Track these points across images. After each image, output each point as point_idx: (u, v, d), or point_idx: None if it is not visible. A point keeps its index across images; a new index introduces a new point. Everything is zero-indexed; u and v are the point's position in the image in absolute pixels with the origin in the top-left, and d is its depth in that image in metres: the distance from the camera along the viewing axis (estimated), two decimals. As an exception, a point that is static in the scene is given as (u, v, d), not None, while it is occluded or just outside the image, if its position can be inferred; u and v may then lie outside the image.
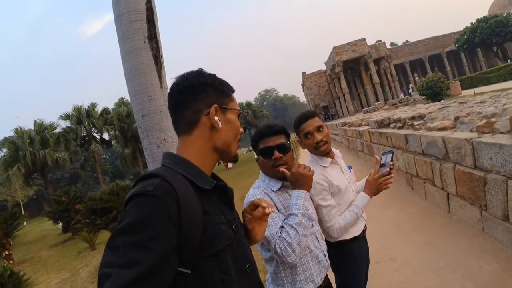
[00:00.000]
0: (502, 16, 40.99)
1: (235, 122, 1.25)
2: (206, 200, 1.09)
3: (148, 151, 3.13)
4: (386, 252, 4.48)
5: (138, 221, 0.90)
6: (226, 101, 1.24)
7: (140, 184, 1.01)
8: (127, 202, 0.97)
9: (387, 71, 41.26)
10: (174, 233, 0.94)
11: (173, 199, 0.96)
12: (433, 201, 5.77)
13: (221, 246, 1.07)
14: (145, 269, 0.85)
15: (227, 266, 1.07)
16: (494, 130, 3.89)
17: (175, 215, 0.95)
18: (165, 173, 1.04)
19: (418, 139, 5.97)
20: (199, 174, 1.13)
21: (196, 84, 1.19)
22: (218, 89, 1.22)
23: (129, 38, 3.08)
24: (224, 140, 1.22)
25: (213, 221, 1.07)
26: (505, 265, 3.39)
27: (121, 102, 44.02)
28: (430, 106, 9.62)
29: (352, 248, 2.35)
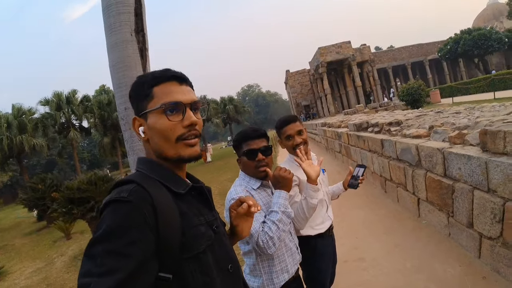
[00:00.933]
0: (485, 29, 42.35)
1: (156, 124, 1.09)
2: (183, 203, 1.08)
3: (129, 144, 3.13)
4: (356, 251, 4.65)
5: (114, 228, 0.89)
6: (144, 104, 1.12)
7: (115, 191, 1.00)
8: (102, 210, 0.96)
9: (370, 74, 41.76)
10: (152, 238, 0.93)
11: (149, 204, 0.95)
12: (405, 205, 5.98)
13: (201, 248, 1.06)
14: (124, 276, 0.84)
15: (209, 267, 1.07)
16: (465, 141, 4.08)
17: (152, 220, 0.94)
18: (139, 178, 1.03)
19: (394, 145, 6.16)
20: (173, 178, 1.12)
21: (131, 96, 1.18)
22: (138, 93, 1.14)
23: (116, 30, 3.07)
24: (155, 149, 1.13)
25: (191, 224, 1.06)
26: (467, 269, 3.59)
27: (102, 89, 43.28)
28: (408, 113, 9.85)
29: (316, 245, 2.51)
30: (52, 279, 7.51)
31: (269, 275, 2.07)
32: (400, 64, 52.29)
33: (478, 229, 3.62)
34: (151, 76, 1.13)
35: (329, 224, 2.61)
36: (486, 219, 3.43)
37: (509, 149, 3.09)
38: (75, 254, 8.91)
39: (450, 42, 43.51)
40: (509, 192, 3.04)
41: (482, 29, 42.63)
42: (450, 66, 52.69)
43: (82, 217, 8.14)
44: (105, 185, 8.62)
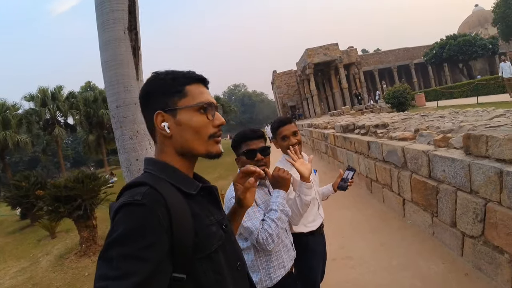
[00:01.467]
0: (470, 35, 43.36)
1: (191, 121, 1.11)
2: (194, 204, 1.09)
3: (120, 142, 3.15)
4: (343, 250, 4.77)
5: (130, 232, 0.90)
6: (175, 100, 1.12)
7: (128, 193, 1.00)
8: (116, 213, 0.96)
9: (356, 77, 42.16)
10: (166, 240, 0.94)
11: (162, 206, 0.96)
12: (390, 205, 6.13)
13: (213, 248, 1.07)
14: (141, 279, 0.85)
15: (220, 266, 1.08)
16: (449, 145, 4.24)
17: (166, 222, 0.95)
18: (151, 180, 1.03)
19: (380, 147, 6.31)
20: (184, 179, 1.12)
21: (145, 91, 1.16)
22: (167, 89, 1.12)
23: (109, 28, 3.07)
24: (182, 144, 1.13)
25: (203, 224, 1.08)
26: (451, 266, 3.74)
27: (87, 86, 42.68)
28: (394, 116, 10.01)
29: (308, 242, 2.61)
30: (38, 279, 7.39)
31: (266, 270, 2.16)
32: (386, 67, 52.70)
33: (461, 228, 3.78)
34: (182, 74, 1.15)
35: (320, 222, 2.72)
36: (469, 218, 3.58)
37: (491, 152, 3.23)
38: (60, 253, 8.78)
39: (436, 47, 44.26)
40: (490, 193, 3.19)
41: (467, 35, 43.58)
42: (435, 70, 53.47)
43: (69, 215, 8.02)
44: (93, 183, 8.52)
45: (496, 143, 3.15)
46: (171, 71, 1.16)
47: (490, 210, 3.21)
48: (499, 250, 3.15)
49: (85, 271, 7.00)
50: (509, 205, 2.94)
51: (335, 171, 10.42)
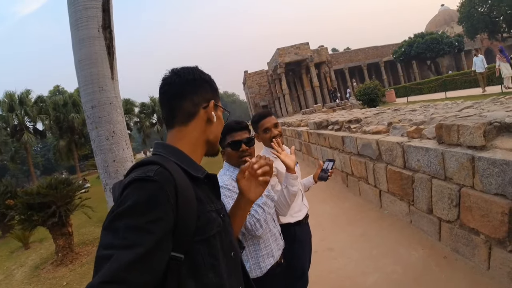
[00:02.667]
0: (437, 34, 44.87)
1: (222, 119, 1.34)
2: (198, 188, 1.14)
3: (96, 143, 3.07)
4: (324, 243, 4.86)
5: (139, 205, 0.93)
6: (218, 100, 1.32)
7: (139, 170, 1.04)
8: (126, 187, 0.99)
9: (327, 75, 42.73)
10: (172, 218, 0.97)
11: (172, 185, 1.00)
12: (367, 197, 6.28)
13: (212, 233, 1.11)
14: (145, 251, 0.88)
15: (216, 251, 1.12)
16: (422, 135, 4.39)
17: (174, 200, 0.98)
18: (161, 160, 1.07)
19: (354, 141, 6.45)
20: (192, 164, 1.18)
21: (197, 78, 1.25)
22: (213, 87, 1.31)
23: (83, 26, 2.98)
24: (215, 134, 1.30)
25: (205, 209, 1.12)
26: (430, 251, 3.88)
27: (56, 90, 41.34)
28: (366, 111, 10.19)
29: (295, 232, 2.67)
30: (14, 292, 7.17)
31: (255, 260, 2.19)
32: (357, 65, 53.64)
33: (437, 214, 3.93)
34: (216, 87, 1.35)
35: (305, 212, 2.79)
36: (444, 204, 3.73)
37: (462, 140, 3.38)
38: (36, 264, 8.48)
39: (404, 45, 45.56)
40: (464, 179, 3.34)
41: (434, 34, 45.11)
42: (404, 67, 54.76)
43: (43, 223, 7.75)
44: (67, 188, 8.28)
45: (467, 131, 3.30)
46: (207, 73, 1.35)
47: (464, 195, 3.36)
48: (475, 232, 3.30)
49: (63, 280, 6.76)
50: (482, 188, 3.09)
51: (310, 167, 10.57)
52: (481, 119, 3.40)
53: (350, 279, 3.80)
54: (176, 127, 1.24)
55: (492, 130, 3.19)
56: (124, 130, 3.22)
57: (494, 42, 45.70)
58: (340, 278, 3.86)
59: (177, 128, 1.23)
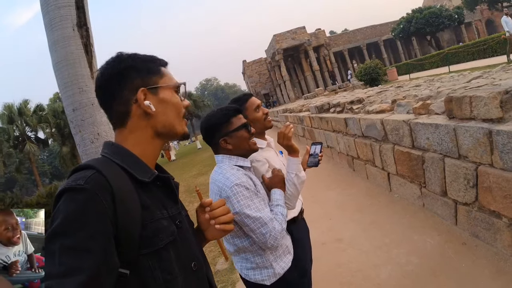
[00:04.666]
0: (436, 7, 44.25)
1: (172, 98, 1.12)
2: (145, 194, 1.02)
3: (81, 148, 3.00)
4: (332, 233, 4.58)
5: (71, 220, 0.82)
6: (155, 79, 1.10)
7: (72, 177, 0.92)
8: (57, 200, 0.88)
9: (327, 58, 42.46)
10: (112, 230, 0.87)
11: (107, 192, 0.89)
12: (375, 181, 5.99)
13: (162, 244, 0.99)
14: (87, 274, 0.77)
15: (170, 264, 1.00)
16: (430, 111, 4.08)
17: (111, 210, 0.88)
18: (99, 164, 0.96)
19: (358, 122, 6.15)
20: (138, 165, 1.05)
21: (115, 72, 1.07)
22: (142, 69, 1.09)
23: (57, 26, 2.90)
24: (164, 123, 1.10)
25: (153, 217, 1.00)
26: (446, 237, 3.60)
27: (56, 97, 41.31)
28: (368, 91, 9.97)
29: (292, 231, 2.40)
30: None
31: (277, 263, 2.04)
32: (356, 46, 53.29)
33: (453, 196, 3.62)
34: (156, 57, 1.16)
35: (300, 206, 2.53)
36: (460, 185, 3.42)
37: (476, 113, 3.07)
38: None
39: (403, 21, 44.90)
40: (480, 156, 3.03)
41: (432, 8, 44.38)
42: (404, 44, 54.45)
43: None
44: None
45: (481, 102, 2.99)
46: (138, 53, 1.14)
47: (482, 174, 3.05)
48: (496, 215, 3.00)
49: None
50: (502, 166, 2.78)
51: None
52: (495, 88, 3.06)
53: (361, 272, 3.52)
54: (116, 130, 1.11)
55: (509, 100, 2.84)
56: (109, 132, 3.14)
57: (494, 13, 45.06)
58: (351, 272, 3.58)
59: (118, 130, 1.11)
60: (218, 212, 1.19)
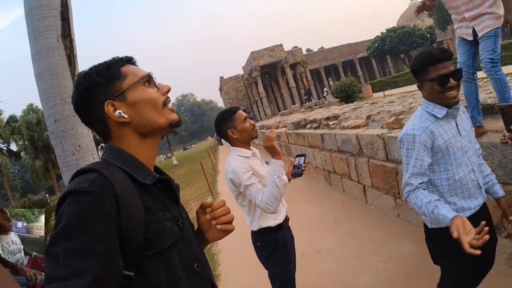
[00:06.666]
0: (409, 27, 45.80)
1: (143, 95, 1.07)
2: (148, 196, 1.01)
3: (62, 159, 2.92)
4: (311, 245, 4.67)
5: (74, 222, 0.82)
6: (118, 85, 1.05)
7: (75, 180, 0.92)
8: (61, 203, 0.88)
9: (303, 75, 42.98)
10: (116, 232, 0.87)
11: (111, 195, 0.89)
12: (351, 194, 6.15)
13: (166, 245, 0.99)
14: (92, 277, 0.77)
15: (173, 266, 1.00)
16: (403, 125, 4.26)
17: (114, 212, 0.87)
18: (102, 167, 0.96)
19: (334, 137, 6.33)
20: (140, 168, 1.04)
21: (80, 96, 1.05)
22: (101, 82, 1.04)
23: (41, 36, 2.86)
24: (143, 123, 1.06)
25: (156, 218, 0.99)
26: (421, 243, 3.66)
27: (30, 109, 40.33)
28: (344, 107, 10.19)
29: (277, 237, 2.50)
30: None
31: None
32: (332, 64, 54.14)
33: (426, 205, 3.77)
34: (113, 61, 1.09)
35: (285, 213, 2.62)
36: (432, 194, 3.58)
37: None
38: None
39: (378, 40, 46.22)
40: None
41: (406, 27, 46.00)
42: (379, 62, 55.70)
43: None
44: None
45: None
46: (95, 65, 1.09)
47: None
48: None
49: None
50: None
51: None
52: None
53: (342, 281, 3.62)
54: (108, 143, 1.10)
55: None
56: (90, 144, 3.08)
57: (465, 32, 46.74)
58: (331, 281, 3.68)
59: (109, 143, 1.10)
60: (219, 213, 1.20)
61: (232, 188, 2.49)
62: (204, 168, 11.01)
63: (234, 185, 2.42)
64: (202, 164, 11.27)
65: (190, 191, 13.02)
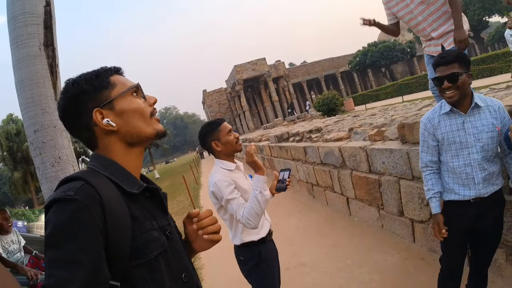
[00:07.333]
0: (390, 42, 47.03)
1: (131, 104, 1.07)
2: (135, 205, 1.00)
3: (41, 171, 2.88)
4: (295, 258, 4.63)
5: (61, 231, 0.82)
6: (106, 93, 1.05)
7: (61, 188, 0.91)
8: (47, 209, 0.87)
9: (286, 89, 43.33)
10: (102, 241, 0.86)
11: (97, 203, 0.88)
12: (334, 206, 6.14)
13: (153, 255, 0.98)
14: (77, 287, 0.76)
15: (161, 276, 0.99)
16: (385, 137, 4.32)
17: (101, 221, 0.86)
18: (88, 175, 0.95)
19: (317, 150, 6.34)
20: (127, 177, 1.04)
21: (67, 103, 1.04)
22: (90, 90, 1.04)
23: (23, 44, 2.83)
24: (130, 132, 1.06)
25: (143, 228, 0.98)
26: (405, 254, 3.77)
27: (9, 119, 39.60)
28: (326, 120, 10.27)
29: (260, 251, 2.48)
30: None
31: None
32: (314, 78, 54.81)
33: (409, 216, 3.82)
34: (101, 70, 1.10)
35: (268, 227, 2.60)
36: (415, 205, 3.63)
37: (427, 137, 3.30)
38: None
39: (359, 54, 47.28)
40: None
41: (387, 42, 47.27)
42: (360, 76, 56.72)
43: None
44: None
45: (430, 127, 3.22)
46: (83, 73, 1.09)
47: (435, 193, 3.25)
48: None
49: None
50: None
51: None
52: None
53: (327, 293, 3.59)
54: (94, 151, 1.09)
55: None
56: (71, 156, 3.05)
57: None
58: (316, 294, 3.64)
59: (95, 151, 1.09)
60: (206, 222, 1.19)
61: (214, 201, 2.47)
62: (186, 182, 10.89)
63: (216, 198, 2.40)
64: (184, 178, 11.14)
65: (172, 205, 12.83)
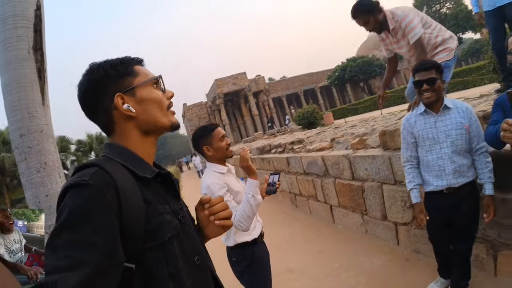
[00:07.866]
0: (368, 57, 47.71)
1: (151, 94, 1.11)
2: (148, 189, 1.03)
3: (25, 177, 2.84)
4: (283, 264, 4.67)
5: (77, 215, 0.84)
6: (129, 80, 1.09)
7: (76, 175, 0.93)
8: (62, 196, 0.89)
9: (265, 103, 43.47)
10: (117, 224, 0.88)
11: (112, 188, 0.90)
12: (318, 215, 6.24)
13: (167, 237, 1.00)
14: (92, 268, 0.78)
15: (174, 258, 1.01)
16: (367, 146, 4.47)
17: (116, 205, 0.89)
18: (102, 162, 0.98)
19: (300, 160, 6.45)
20: (140, 163, 1.07)
21: (90, 85, 1.07)
22: (114, 74, 1.08)
23: (12, 46, 2.81)
24: (147, 121, 1.10)
25: (156, 211, 1.01)
26: (391, 256, 3.88)
27: (-8, 125, 38.09)
28: (307, 132, 10.37)
29: (254, 251, 2.54)
30: None
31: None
32: (294, 92, 55.01)
33: (393, 219, 3.95)
34: (126, 58, 1.13)
35: (260, 229, 2.66)
36: (398, 208, 3.76)
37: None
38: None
39: (338, 69, 47.89)
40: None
41: (365, 57, 48.05)
42: (339, 91, 57.19)
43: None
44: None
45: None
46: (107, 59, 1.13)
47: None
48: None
49: None
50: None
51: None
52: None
53: (315, 297, 3.65)
54: (109, 137, 1.13)
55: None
56: (57, 162, 3.02)
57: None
58: (305, 299, 3.70)
59: (110, 137, 1.13)
60: (217, 208, 1.21)
61: None
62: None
63: None
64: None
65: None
